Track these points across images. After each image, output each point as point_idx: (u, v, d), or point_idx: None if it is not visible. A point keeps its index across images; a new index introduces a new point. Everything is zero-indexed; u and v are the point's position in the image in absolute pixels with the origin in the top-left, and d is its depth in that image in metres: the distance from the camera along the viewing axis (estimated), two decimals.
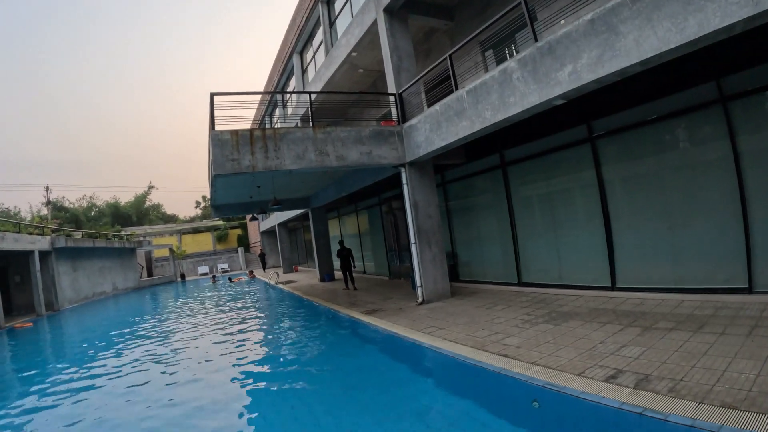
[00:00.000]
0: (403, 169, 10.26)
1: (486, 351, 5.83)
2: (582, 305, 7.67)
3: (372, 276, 18.59)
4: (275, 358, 8.55)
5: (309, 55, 19.20)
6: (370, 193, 17.06)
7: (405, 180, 10.25)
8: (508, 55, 9.70)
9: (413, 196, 10.19)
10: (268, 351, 9.20)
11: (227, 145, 8.43)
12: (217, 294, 22.55)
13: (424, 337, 7.07)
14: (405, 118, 10.35)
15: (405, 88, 10.35)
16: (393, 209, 15.84)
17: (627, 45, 5.10)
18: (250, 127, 8.85)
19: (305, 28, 18.17)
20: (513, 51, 9.35)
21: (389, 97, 10.88)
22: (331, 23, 15.96)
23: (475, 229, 11.91)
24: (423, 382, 6.17)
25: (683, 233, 7.09)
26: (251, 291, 22.42)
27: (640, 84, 6.98)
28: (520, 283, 10.22)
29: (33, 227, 24.50)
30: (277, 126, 23.32)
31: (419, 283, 10.15)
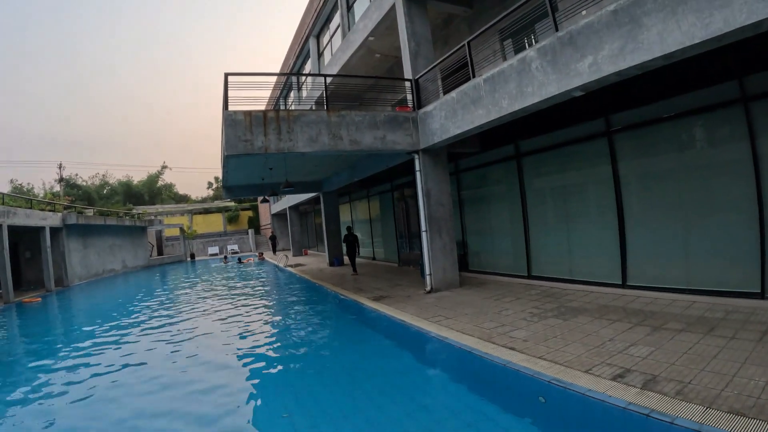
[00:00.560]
0: (417, 156, 10.19)
1: (492, 343, 5.81)
2: (591, 301, 7.60)
3: (381, 262, 18.64)
4: (279, 340, 8.61)
5: (325, 39, 19.05)
6: (382, 180, 17.03)
7: (418, 167, 10.18)
8: (527, 46, 9.51)
9: (426, 183, 10.12)
10: (272, 332, 9.27)
11: (240, 126, 8.42)
12: (228, 275, 22.80)
13: (430, 326, 7.06)
14: (420, 104, 10.23)
15: (422, 73, 10.21)
16: (405, 196, 15.79)
17: (650, 38, 4.95)
18: (264, 109, 8.79)
19: (323, 11, 18.00)
20: (532, 41, 9.16)
21: (405, 83, 10.76)
22: (349, 7, 15.78)
23: (487, 220, 11.83)
24: (427, 370, 6.20)
25: (697, 234, 6.96)
26: (261, 273, 22.65)
27: (660, 79, 6.80)
28: (529, 276, 10.15)
29: (45, 204, 24.88)
30: (291, 108, 23.27)
31: (428, 272, 10.14)
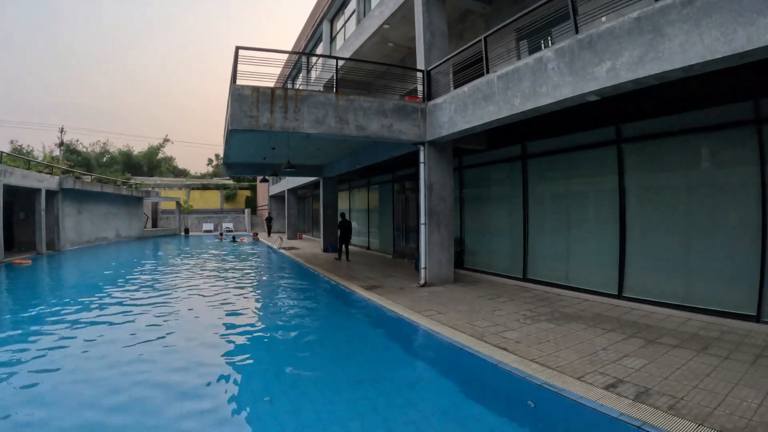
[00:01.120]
0: (422, 148, 10.08)
1: (484, 341, 5.75)
2: (586, 309, 7.55)
3: (375, 252, 18.57)
4: (267, 322, 8.47)
5: (339, 23, 18.83)
6: (384, 169, 16.91)
7: (423, 159, 10.08)
8: (543, 47, 9.40)
9: (429, 176, 10.03)
10: (261, 315, 9.13)
11: (247, 101, 8.28)
12: (221, 252, 22.67)
13: (422, 320, 7.01)
14: (430, 96, 10.11)
15: (435, 65, 10.08)
16: (405, 188, 15.68)
17: (671, 48, 4.87)
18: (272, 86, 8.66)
19: None
20: (549, 43, 9.05)
21: (416, 74, 10.62)
22: None
23: (487, 219, 11.75)
24: (417, 364, 6.12)
25: (698, 252, 6.90)
26: (254, 253, 22.52)
27: (675, 92, 6.71)
28: (524, 279, 10.10)
29: (43, 166, 24.64)
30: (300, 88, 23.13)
31: (423, 265, 10.07)
